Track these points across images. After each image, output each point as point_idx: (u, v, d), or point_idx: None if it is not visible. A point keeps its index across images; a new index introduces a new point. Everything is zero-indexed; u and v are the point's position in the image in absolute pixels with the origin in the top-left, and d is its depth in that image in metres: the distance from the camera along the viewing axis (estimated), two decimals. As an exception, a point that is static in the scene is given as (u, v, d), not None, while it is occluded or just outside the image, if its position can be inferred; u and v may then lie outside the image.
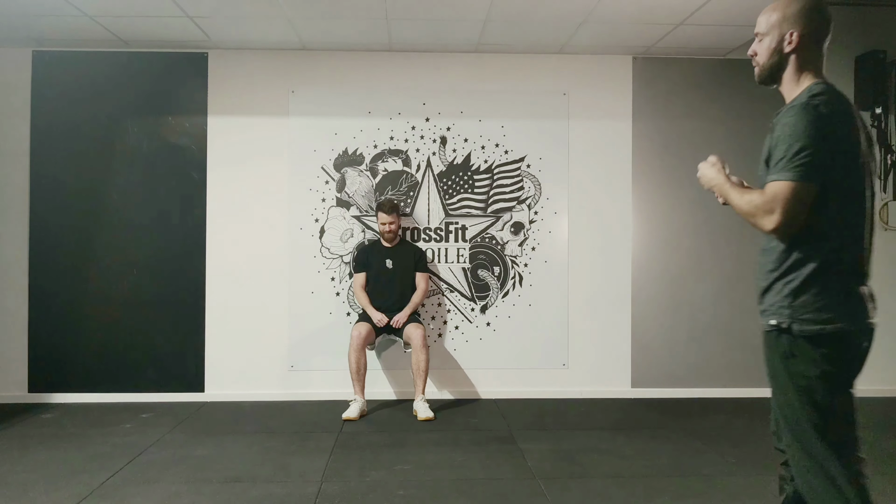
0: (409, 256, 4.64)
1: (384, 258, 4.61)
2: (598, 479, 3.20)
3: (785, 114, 1.77)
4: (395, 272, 4.58)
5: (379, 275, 4.59)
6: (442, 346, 4.87)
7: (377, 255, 4.63)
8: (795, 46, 1.83)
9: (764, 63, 1.89)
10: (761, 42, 1.87)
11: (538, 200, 4.91)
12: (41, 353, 4.72)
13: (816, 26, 1.84)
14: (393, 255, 4.61)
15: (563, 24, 4.31)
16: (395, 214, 4.55)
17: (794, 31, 1.82)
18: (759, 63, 1.90)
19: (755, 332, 4.88)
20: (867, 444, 1.97)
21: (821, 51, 1.89)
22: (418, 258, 4.67)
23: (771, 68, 1.89)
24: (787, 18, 1.83)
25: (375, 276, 4.60)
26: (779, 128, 1.75)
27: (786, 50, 1.84)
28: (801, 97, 1.78)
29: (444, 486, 3.08)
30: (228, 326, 4.80)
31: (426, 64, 4.88)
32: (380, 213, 4.53)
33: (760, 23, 1.88)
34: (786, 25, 1.83)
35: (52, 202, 4.73)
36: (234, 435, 3.93)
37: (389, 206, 4.53)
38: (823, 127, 1.70)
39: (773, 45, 1.85)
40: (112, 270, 4.75)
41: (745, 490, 3.02)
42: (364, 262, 4.64)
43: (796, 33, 1.82)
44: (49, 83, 4.73)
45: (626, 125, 4.93)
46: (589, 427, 4.13)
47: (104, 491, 3.03)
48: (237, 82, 4.81)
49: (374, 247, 4.68)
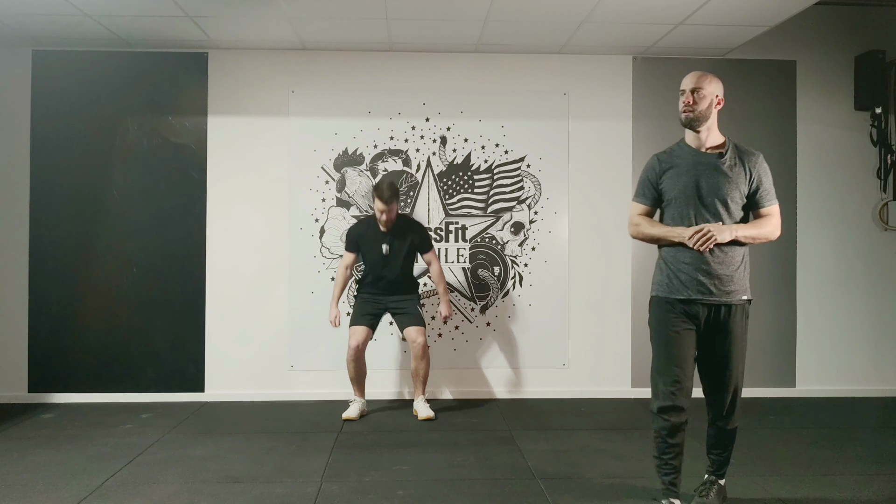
0: (407, 239, 4.28)
1: (380, 242, 4.27)
2: (598, 479, 3.20)
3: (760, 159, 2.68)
4: (392, 257, 4.26)
5: (375, 261, 4.29)
6: (442, 346, 4.87)
7: (372, 240, 4.29)
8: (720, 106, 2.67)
9: (703, 111, 2.63)
10: (703, 98, 2.61)
11: (538, 200, 4.91)
12: (41, 353, 4.72)
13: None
14: (390, 238, 4.27)
15: (563, 24, 4.31)
16: (395, 202, 4.19)
17: (719, 95, 2.67)
18: (699, 110, 2.62)
19: (755, 332, 4.88)
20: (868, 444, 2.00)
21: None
22: (421, 239, 4.34)
23: (704, 116, 2.64)
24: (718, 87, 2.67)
25: (372, 261, 4.30)
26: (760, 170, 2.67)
27: (714, 107, 2.65)
28: (746, 147, 2.73)
29: (444, 486, 3.08)
30: (228, 326, 4.80)
31: (426, 64, 4.88)
32: (377, 199, 4.15)
33: (702, 84, 2.63)
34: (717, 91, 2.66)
35: (52, 202, 4.73)
36: (234, 435, 3.93)
37: (389, 194, 4.13)
38: None
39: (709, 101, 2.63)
40: (112, 270, 4.75)
41: (745, 490, 3.02)
42: (355, 243, 4.33)
43: (721, 97, 2.68)
44: (49, 83, 4.73)
45: (626, 125, 4.93)
46: (589, 427, 4.13)
47: (104, 491, 3.03)
48: (237, 82, 4.81)
49: (370, 228, 4.33)
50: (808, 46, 4.95)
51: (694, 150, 2.67)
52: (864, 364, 4.99)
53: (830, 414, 4.46)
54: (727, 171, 2.61)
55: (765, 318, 4.89)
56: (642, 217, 2.77)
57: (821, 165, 4.99)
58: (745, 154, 2.66)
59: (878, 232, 5.01)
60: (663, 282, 2.70)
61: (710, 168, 2.61)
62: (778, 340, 4.94)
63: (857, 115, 4.97)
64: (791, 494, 3.00)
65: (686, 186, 2.63)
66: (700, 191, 2.61)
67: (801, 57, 4.95)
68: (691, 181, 2.62)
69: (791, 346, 4.96)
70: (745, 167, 2.63)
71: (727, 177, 2.60)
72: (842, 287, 4.98)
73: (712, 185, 2.60)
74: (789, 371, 4.95)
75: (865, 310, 5.00)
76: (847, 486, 3.10)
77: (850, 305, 4.99)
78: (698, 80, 2.63)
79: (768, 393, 4.84)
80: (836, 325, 4.97)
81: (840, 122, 4.99)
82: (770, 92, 4.96)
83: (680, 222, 2.65)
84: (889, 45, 4.88)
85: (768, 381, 4.89)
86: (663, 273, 2.71)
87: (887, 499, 2.97)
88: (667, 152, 2.76)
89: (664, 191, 2.70)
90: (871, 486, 3.11)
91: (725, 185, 2.60)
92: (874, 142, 4.96)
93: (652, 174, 2.74)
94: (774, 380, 4.92)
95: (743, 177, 2.62)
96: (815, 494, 3.00)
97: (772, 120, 4.96)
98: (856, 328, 4.99)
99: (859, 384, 4.97)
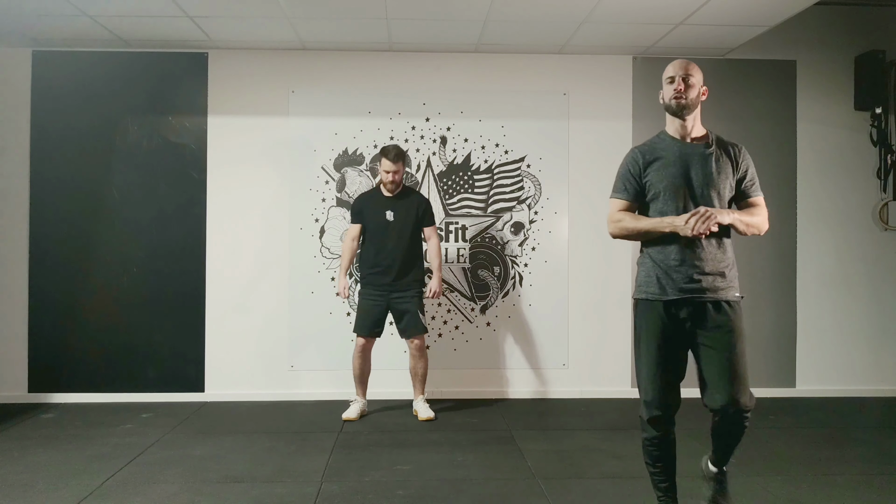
0: (412, 208, 4.19)
1: (384, 209, 4.16)
2: (598, 479, 3.20)
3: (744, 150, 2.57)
4: (396, 225, 4.15)
5: (378, 229, 4.16)
6: (442, 346, 4.87)
7: (376, 206, 4.18)
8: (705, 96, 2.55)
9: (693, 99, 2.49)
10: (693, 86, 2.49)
11: (538, 200, 4.91)
12: (41, 353, 4.72)
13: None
14: (394, 205, 4.16)
15: (563, 24, 4.31)
16: (401, 163, 4.12)
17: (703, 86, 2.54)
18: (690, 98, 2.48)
19: (754, 332, 4.88)
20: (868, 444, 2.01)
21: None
22: (424, 210, 4.23)
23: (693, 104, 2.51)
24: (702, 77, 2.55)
25: (374, 229, 4.17)
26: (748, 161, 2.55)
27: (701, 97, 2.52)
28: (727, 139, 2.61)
29: (444, 486, 3.08)
30: (228, 326, 4.80)
31: (426, 64, 4.88)
32: (383, 159, 4.09)
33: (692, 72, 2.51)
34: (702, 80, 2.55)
35: (52, 202, 4.73)
36: (234, 435, 3.93)
37: (395, 154, 4.09)
38: None
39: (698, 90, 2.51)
40: (112, 270, 4.75)
41: (745, 490, 3.02)
42: (360, 213, 4.23)
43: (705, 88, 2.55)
44: (49, 83, 4.73)
45: (626, 125, 4.93)
46: (589, 427, 4.13)
47: (104, 491, 3.03)
48: (237, 82, 4.81)
49: (373, 196, 4.25)
50: (808, 46, 4.95)
51: (679, 141, 2.51)
52: (864, 364, 4.99)
53: (830, 414, 4.46)
54: (716, 161, 2.47)
55: (765, 318, 4.89)
56: (624, 213, 2.59)
57: (821, 165, 4.98)
58: (728, 145, 2.54)
59: (878, 232, 5.01)
60: (650, 282, 2.53)
61: (700, 158, 2.47)
62: (778, 340, 4.94)
63: (857, 115, 4.97)
64: (791, 494, 3.00)
65: (675, 178, 2.46)
66: (690, 182, 2.46)
67: (801, 57, 4.95)
68: (680, 172, 2.46)
69: (791, 346, 4.96)
70: (731, 157, 2.50)
71: (717, 167, 2.46)
72: (842, 287, 4.98)
73: (703, 175, 2.46)
74: (789, 371, 4.95)
75: (865, 310, 5.00)
76: (847, 486, 3.10)
77: (850, 305, 4.99)
78: (688, 67, 2.50)
79: (768, 393, 4.83)
80: (836, 325, 4.97)
81: (840, 122, 4.99)
82: (770, 92, 4.96)
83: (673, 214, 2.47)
84: (889, 45, 4.88)
85: (768, 381, 4.89)
86: (650, 273, 2.55)
87: (888, 499, 2.97)
88: (647, 144, 2.58)
89: (650, 184, 2.52)
90: (872, 486, 3.11)
91: (716, 175, 2.46)
92: (874, 142, 4.96)
93: (634, 167, 2.55)
94: (774, 380, 4.92)
95: (730, 167, 2.49)
96: (816, 494, 3.00)
97: (772, 120, 4.95)
98: (856, 328, 4.99)
99: (859, 384, 4.97)
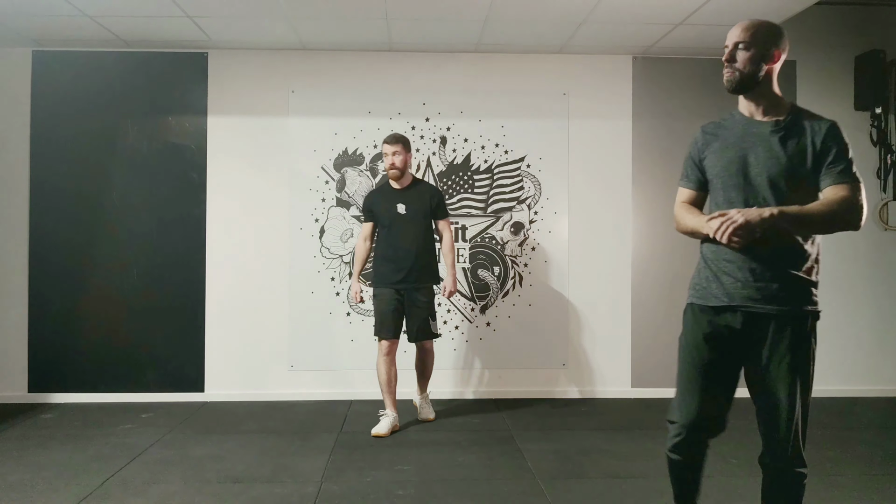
0: (424, 199, 4.01)
1: (395, 202, 3.97)
2: (598, 479, 3.20)
3: (831, 126, 2.10)
4: (408, 218, 3.95)
5: (391, 224, 3.97)
6: (442, 346, 4.86)
7: (386, 201, 4.00)
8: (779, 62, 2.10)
9: (749, 71, 2.09)
10: (750, 54, 2.08)
11: (538, 200, 4.91)
12: (41, 353, 4.72)
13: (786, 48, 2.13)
14: (405, 198, 3.99)
15: (563, 24, 4.31)
16: (402, 145, 3.92)
17: (777, 49, 2.11)
18: (743, 71, 2.09)
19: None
20: (868, 444, 2.01)
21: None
22: (437, 202, 4.05)
23: (749, 77, 2.10)
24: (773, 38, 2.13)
25: (387, 225, 3.98)
26: (831, 139, 2.06)
27: (767, 65, 2.09)
28: (814, 113, 2.15)
29: (444, 486, 3.08)
30: (228, 326, 4.80)
31: (426, 64, 4.88)
32: (383, 144, 3.96)
33: (746, 37, 2.10)
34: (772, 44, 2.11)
35: (51, 202, 4.73)
36: (234, 435, 3.93)
37: (393, 135, 3.96)
38: None
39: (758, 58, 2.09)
40: (112, 270, 4.75)
41: (746, 491, 3.02)
42: (370, 210, 4.05)
43: (780, 51, 2.11)
44: (49, 83, 4.73)
45: (626, 125, 4.93)
46: (589, 427, 4.13)
47: (104, 491, 3.03)
48: (237, 82, 4.81)
49: (383, 191, 4.08)
50: (808, 46, 4.95)
51: (746, 119, 2.14)
52: (864, 364, 4.99)
53: (831, 414, 4.46)
54: (783, 144, 2.05)
55: (765, 318, 4.89)
56: (683, 205, 2.25)
57: (821, 165, 4.98)
58: (809, 121, 2.09)
59: (879, 232, 5.00)
60: (700, 285, 2.21)
61: (762, 140, 2.07)
62: (778, 340, 4.93)
63: (857, 115, 4.97)
64: (791, 494, 3.00)
65: (730, 163, 2.10)
66: (747, 168, 2.07)
67: (801, 57, 4.95)
68: (736, 156, 2.09)
69: (791, 346, 4.95)
70: (808, 137, 2.06)
71: (785, 150, 2.05)
72: (842, 287, 4.98)
73: (763, 161, 2.05)
74: (789, 371, 4.94)
75: (866, 310, 5.00)
76: (848, 486, 3.10)
77: (850, 305, 4.99)
78: (743, 31, 2.11)
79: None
80: (836, 325, 4.97)
81: (840, 121, 4.96)
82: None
83: (725, 208, 2.09)
84: (889, 45, 4.88)
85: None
86: (701, 274, 2.22)
87: (889, 499, 2.97)
88: (715, 123, 2.24)
89: (707, 168, 2.19)
90: (872, 487, 3.11)
91: (781, 161, 2.04)
92: (874, 142, 4.96)
93: (694, 150, 2.24)
94: (774, 380, 4.91)
95: (808, 150, 2.05)
96: (817, 494, 2.99)
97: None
98: (856, 328, 4.99)
99: (859, 384, 4.97)
